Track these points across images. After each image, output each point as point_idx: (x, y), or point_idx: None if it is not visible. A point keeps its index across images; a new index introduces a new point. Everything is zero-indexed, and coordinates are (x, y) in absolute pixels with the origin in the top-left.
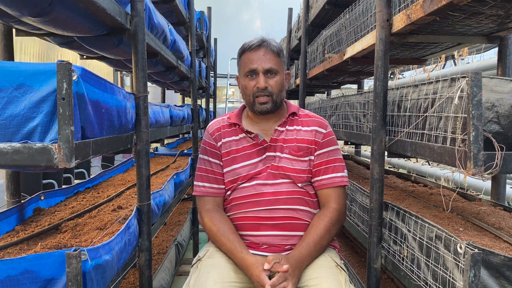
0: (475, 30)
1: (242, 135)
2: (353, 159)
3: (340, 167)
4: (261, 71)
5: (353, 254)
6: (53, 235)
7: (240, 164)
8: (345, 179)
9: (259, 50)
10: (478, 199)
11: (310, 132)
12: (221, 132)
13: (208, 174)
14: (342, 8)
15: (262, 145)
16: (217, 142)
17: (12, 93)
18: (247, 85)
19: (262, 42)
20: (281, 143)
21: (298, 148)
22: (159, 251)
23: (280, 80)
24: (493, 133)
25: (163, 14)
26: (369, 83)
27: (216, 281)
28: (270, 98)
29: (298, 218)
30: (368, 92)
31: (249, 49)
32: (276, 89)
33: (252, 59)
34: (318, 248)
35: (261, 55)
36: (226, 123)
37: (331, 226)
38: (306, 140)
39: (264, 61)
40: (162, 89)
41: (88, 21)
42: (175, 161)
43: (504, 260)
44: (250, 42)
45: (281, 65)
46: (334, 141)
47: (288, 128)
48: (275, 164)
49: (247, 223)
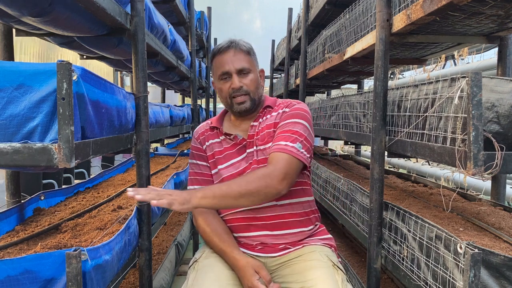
0: (475, 30)
1: (222, 137)
2: (353, 159)
3: (289, 137)
4: (234, 71)
5: (353, 254)
6: (53, 235)
7: (224, 165)
8: (289, 148)
9: (229, 51)
10: (478, 199)
11: (276, 115)
12: (205, 136)
13: (198, 177)
14: (342, 8)
15: (241, 143)
16: (202, 145)
17: (12, 93)
18: (222, 87)
19: (230, 43)
20: (257, 138)
21: (265, 136)
22: (159, 251)
23: (255, 77)
24: (493, 133)
25: (163, 14)
26: (369, 83)
27: (213, 281)
28: (248, 96)
29: (285, 215)
30: (368, 92)
31: (219, 52)
32: (252, 87)
33: (223, 62)
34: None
35: (231, 56)
36: (209, 127)
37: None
38: (272, 124)
39: (235, 62)
40: (162, 89)
41: (88, 21)
42: (175, 161)
43: (504, 260)
44: (219, 45)
45: (253, 63)
46: (296, 115)
47: (260, 121)
48: (256, 159)
49: (237, 225)
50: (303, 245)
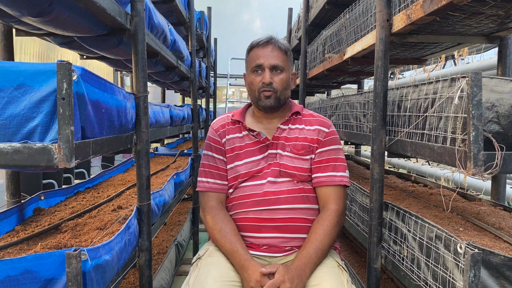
0: (475, 30)
1: (245, 132)
2: (353, 159)
3: (341, 166)
4: (267, 67)
5: (353, 254)
6: (53, 235)
7: (243, 161)
8: (345, 179)
9: (267, 46)
10: (478, 199)
11: (313, 131)
12: (226, 129)
13: (212, 170)
14: (342, 8)
15: (264, 142)
16: (221, 138)
17: (12, 93)
18: (253, 80)
19: (270, 39)
20: (283, 141)
21: (300, 147)
22: (159, 251)
23: (286, 78)
24: (493, 133)
25: (163, 14)
26: (369, 83)
27: (215, 279)
28: (274, 94)
29: (299, 219)
30: (368, 92)
31: (257, 45)
32: (280, 86)
33: (259, 55)
34: (320, 255)
35: (268, 51)
36: (230, 121)
37: (331, 230)
38: (309, 139)
39: (271, 58)
40: (162, 89)
41: (88, 21)
42: (175, 161)
43: (504, 260)
44: (259, 39)
45: (287, 64)
46: (336, 140)
47: (290, 127)
48: (277, 162)
49: (248, 224)
50: None
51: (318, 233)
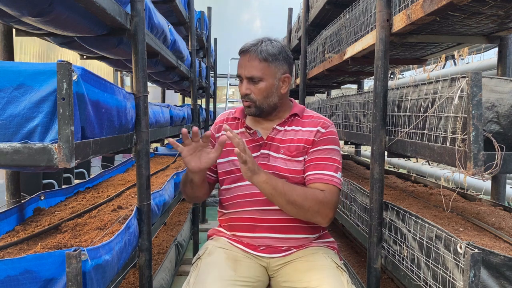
0: (475, 30)
1: (242, 129)
2: (353, 159)
3: (332, 166)
4: (244, 77)
5: (353, 254)
6: (53, 235)
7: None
8: (335, 179)
9: (246, 55)
10: (478, 199)
11: (310, 132)
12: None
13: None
14: (342, 8)
15: (258, 142)
16: (216, 132)
17: (12, 93)
18: (239, 87)
19: (251, 46)
20: (277, 143)
21: (293, 148)
22: (159, 251)
23: (265, 86)
24: (493, 133)
25: (163, 14)
26: (369, 83)
27: (215, 279)
28: (253, 103)
29: (292, 220)
30: (368, 92)
31: (240, 52)
32: (259, 96)
33: (240, 64)
34: (282, 190)
35: (246, 61)
36: (231, 117)
37: (309, 197)
38: (304, 140)
39: (247, 68)
40: (162, 89)
41: (88, 21)
42: (175, 161)
43: (504, 260)
44: (243, 45)
45: (268, 71)
46: (332, 141)
47: (286, 128)
48: (267, 163)
49: (243, 224)
50: (306, 246)
51: (298, 187)
